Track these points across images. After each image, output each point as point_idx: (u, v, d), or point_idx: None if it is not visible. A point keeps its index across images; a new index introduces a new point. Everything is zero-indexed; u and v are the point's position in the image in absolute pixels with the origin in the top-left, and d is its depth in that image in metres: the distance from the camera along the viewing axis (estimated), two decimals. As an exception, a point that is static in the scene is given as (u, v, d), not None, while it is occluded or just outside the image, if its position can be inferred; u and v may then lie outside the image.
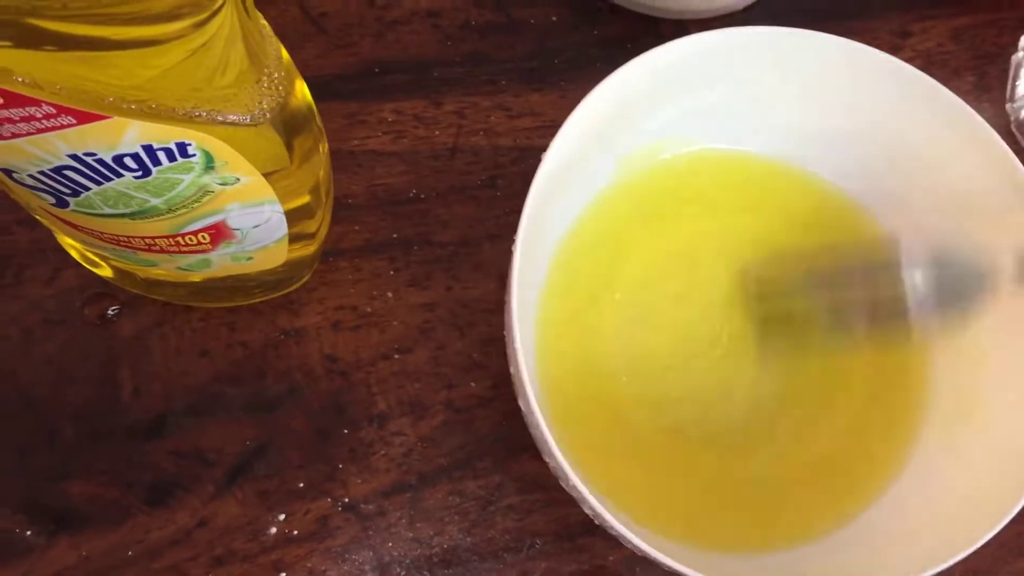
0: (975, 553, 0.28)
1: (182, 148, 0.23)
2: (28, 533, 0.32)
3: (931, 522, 0.32)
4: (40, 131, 0.21)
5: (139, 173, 0.23)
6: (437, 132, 0.40)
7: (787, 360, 0.36)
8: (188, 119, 0.22)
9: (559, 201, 0.34)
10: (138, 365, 0.35)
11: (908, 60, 0.33)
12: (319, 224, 0.32)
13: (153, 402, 0.34)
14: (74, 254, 0.33)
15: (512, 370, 0.29)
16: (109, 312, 0.35)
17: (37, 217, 0.30)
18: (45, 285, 0.35)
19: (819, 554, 0.33)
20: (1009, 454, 0.31)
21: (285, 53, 0.26)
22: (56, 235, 0.32)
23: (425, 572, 0.34)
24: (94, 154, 0.23)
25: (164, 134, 0.22)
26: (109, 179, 0.24)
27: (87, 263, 0.34)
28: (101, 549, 0.32)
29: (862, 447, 0.35)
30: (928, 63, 0.46)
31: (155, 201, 0.25)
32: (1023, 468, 0.30)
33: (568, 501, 0.34)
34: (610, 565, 0.35)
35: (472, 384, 0.36)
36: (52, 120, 0.21)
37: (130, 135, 0.22)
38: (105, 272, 0.34)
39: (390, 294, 0.37)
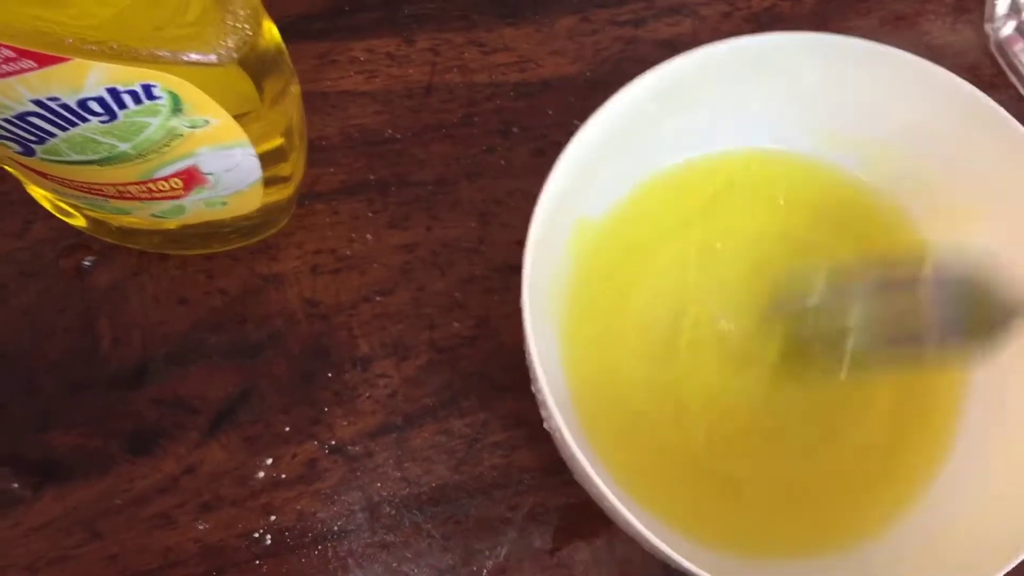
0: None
1: (148, 90, 0.22)
2: (15, 486, 0.32)
3: (965, 533, 0.31)
4: (0, 76, 0.21)
5: (105, 117, 0.23)
6: (411, 70, 0.39)
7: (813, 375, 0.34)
8: (151, 59, 0.21)
9: (584, 194, 0.33)
10: (116, 315, 0.34)
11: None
12: (294, 167, 0.32)
13: (132, 351, 0.34)
14: (46, 204, 0.33)
15: (534, 388, 0.28)
16: (84, 263, 0.35)
17: (5, 167, 0.29)
18: (16, 238, 0.35)
19: (844, 564, 0.32)
20: None
21: (250, -10, 0.26)
22: (25, 185, 0.32)
23: (415, 511, 0.34)
24: (57, 99, 0.22)
25: (128, 76, 0.22)
26: (75, 124, 0.23)
27: (60, 213, 0.33)
28: (88, 499, 0.32)
29: (894, 454, 0.34)
30: (906, -14, 0.45)
31: (123, 146, 0.25)
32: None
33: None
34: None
35: (455, 324, 0.36)
36: (12, 64, 0.20)
37: (93, 78, 0.21)
38: (79, 222, 0.33)
39: (369, 236, 0.37)
